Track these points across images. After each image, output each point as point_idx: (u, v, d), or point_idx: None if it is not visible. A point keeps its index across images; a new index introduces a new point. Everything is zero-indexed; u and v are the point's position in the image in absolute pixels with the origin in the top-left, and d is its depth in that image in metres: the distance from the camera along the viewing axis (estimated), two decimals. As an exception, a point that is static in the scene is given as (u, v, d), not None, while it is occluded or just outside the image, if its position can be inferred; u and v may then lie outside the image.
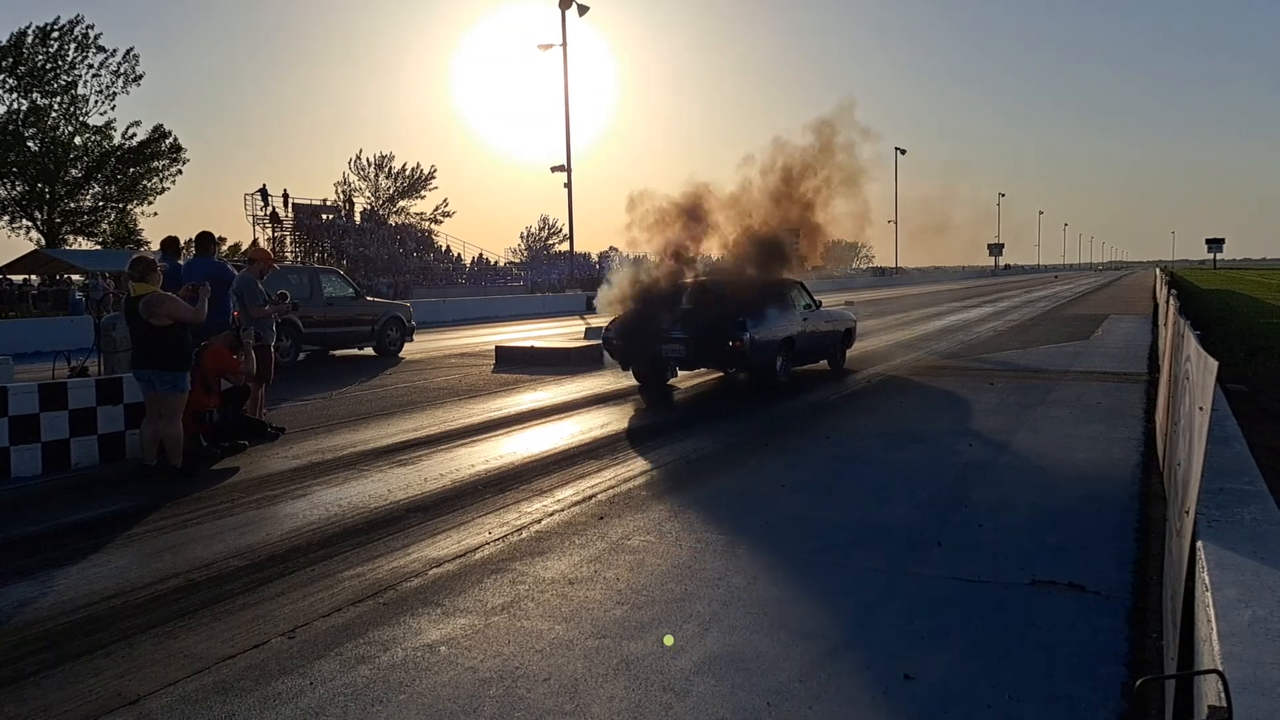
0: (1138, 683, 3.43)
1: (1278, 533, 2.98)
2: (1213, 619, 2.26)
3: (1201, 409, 3.06)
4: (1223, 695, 1.80)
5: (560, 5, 36.63)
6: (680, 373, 12.41)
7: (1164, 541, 4.73)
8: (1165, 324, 11.77)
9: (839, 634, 4.01)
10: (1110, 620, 4.14)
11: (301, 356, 15.70)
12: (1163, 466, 6.22)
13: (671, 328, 11.13)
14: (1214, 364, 3.12)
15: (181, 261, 9.80)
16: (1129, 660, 3.74)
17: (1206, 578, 2.53)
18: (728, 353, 10.95)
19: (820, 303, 13.45)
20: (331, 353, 16.68)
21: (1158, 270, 60.72)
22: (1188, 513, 3.00)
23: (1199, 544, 2.78)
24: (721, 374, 12.65)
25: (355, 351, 16.83)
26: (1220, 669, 1.92)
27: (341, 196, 54.79)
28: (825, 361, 13.56)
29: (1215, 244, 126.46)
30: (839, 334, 13.62)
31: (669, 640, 4.02)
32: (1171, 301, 10.99)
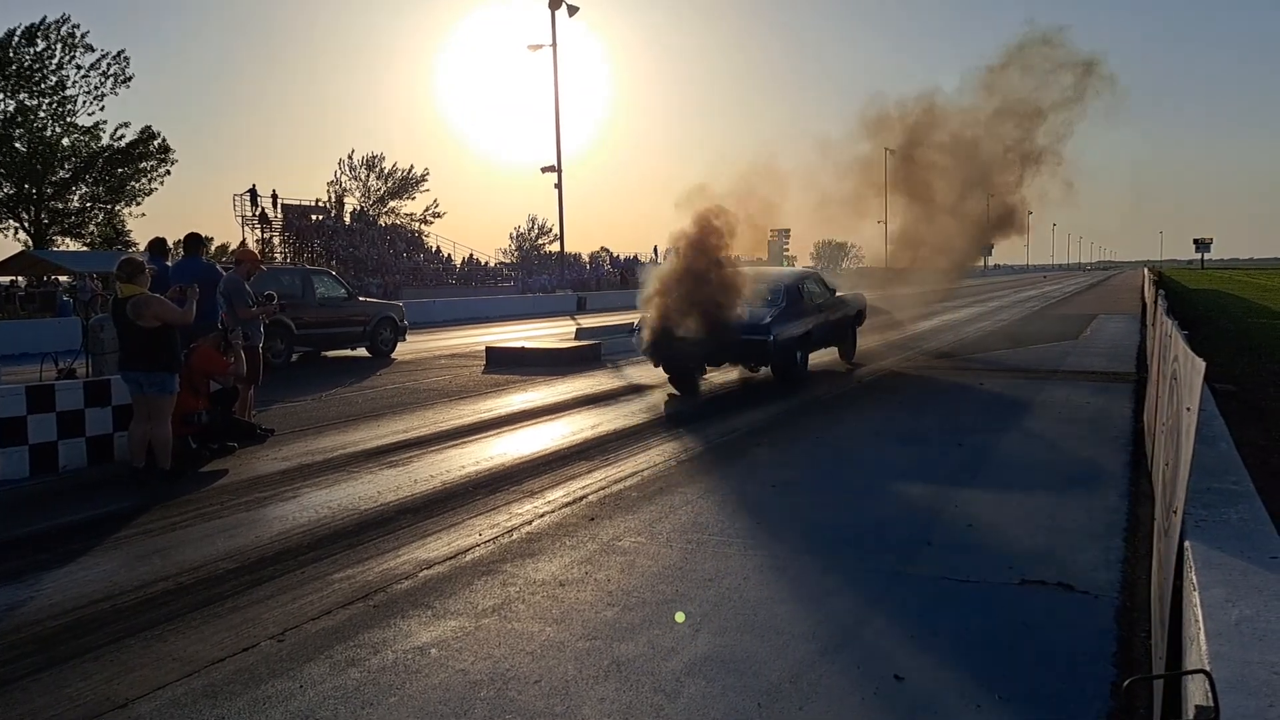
0: (1125, 683, 3.45)
1: (1265, 532, 2.99)
2: (1200, 618, 2.26)
3: (1189, 409, 3.07)
4: (1210, 695, 1.80)
5: (550, 5, 36.56)
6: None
7: (1152, 541, 4.76)
8: (1153, 324, 11.83)
9: (830, 634, 4.01)
10: (1099, 620, 4.16)
11: (294, 357, 15.67)
12: (1151, 466, 6.25)
13: (698, 326, 11.38)
14: (1201, 364, 3.14)
15: (169, 263, 9.75)
16: (1117, 660, 3.76)
17: (1194, 577, 2.54)
18: (752, 351, 11.62)
19: (835, 289, 14.14)
20: (324, 353, 16.66)
21: (1145, 270, 60.98)
22: (1175, 512, 3.01)
23: (1187, 543, 2.79)
24: (709, 371, 12.64)
25: (348, 352, 16.82)
26: (1207, 669, 1.93)
27: (332, 197, 54.55)
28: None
29: (1202, 245, 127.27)
30: (850, 317, 14.39)
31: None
32: (1159, 301, 11.05)
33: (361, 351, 16.81)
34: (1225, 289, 48.38)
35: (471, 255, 52.18)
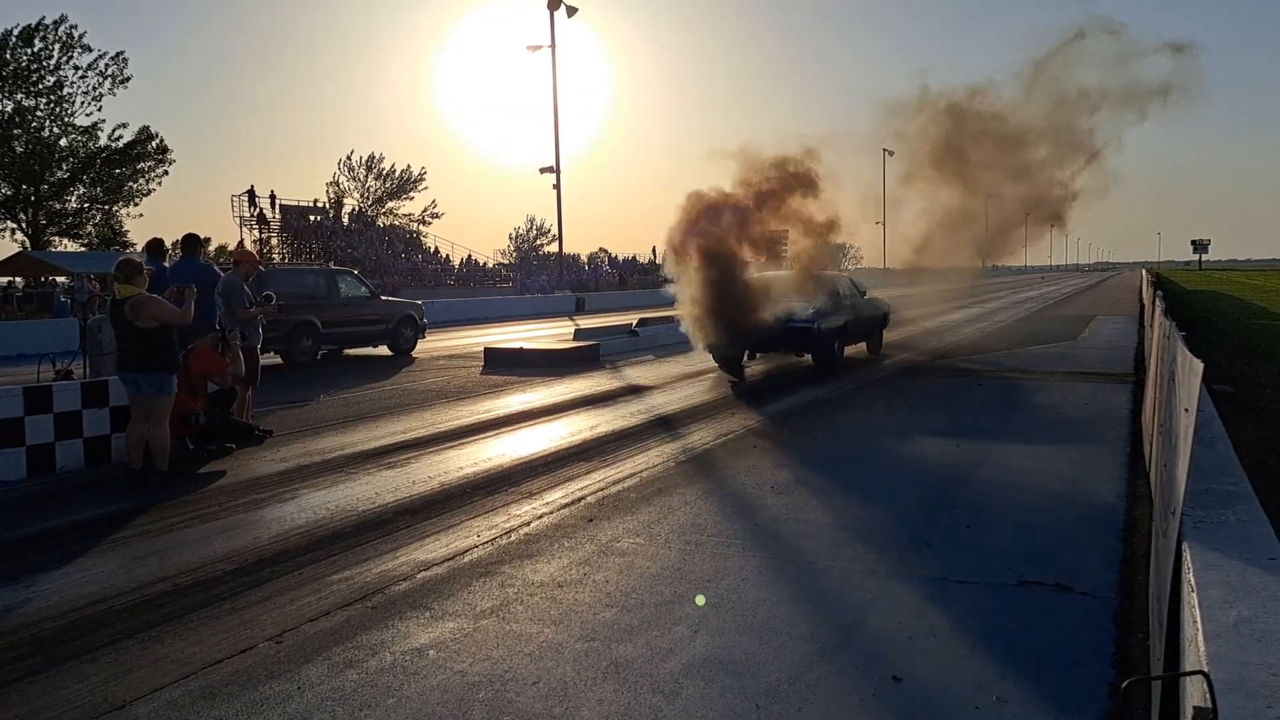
0: (1124, 684, 3.45)
1: (1263, 533, 3.00)
2: (1198, 620, 2.27)
3: (1187, 410, 3.07)
4: (1208, 696, 1.80)
5: (549, 6, 36.59)
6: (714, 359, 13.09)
7: (1150, 542, 4.76)
8: (1151, 325, 11.86)
9: (828, 636, 4.01)
10: (1097, 621, 4.16)
11: (320, 354, 15.95)
12: (1149, 467, 6.26)
13: (750, 318, 12.46)
14: (1199, 365, 3.13)
15: (167, 264, 9.73)
16: (1115, 660, 3.76)
17: (1192, 579, 2.54)
18: (799, 340, 13.05)
19: (865, 292, 15.57)
20: (345, 351, 16.93)
21: (1143, 271, 61.01)
22: (1173, 514, 3.01)
23: (1185, 545, 2.79)
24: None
25: (370, 350, 17.12)
26: (1205, 670, 1.93)
27: (331, 197, 54.44)
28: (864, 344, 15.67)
29: (1200, 246, 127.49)
30: (878, 318, 15.99)
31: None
32: (1157, 302, 11.06)
33: (383, 349, 17.10)
34: (1223, 290, 48.40)
35: (470, 256, 52.12)
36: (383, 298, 18.20)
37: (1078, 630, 4.05)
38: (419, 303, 18.95)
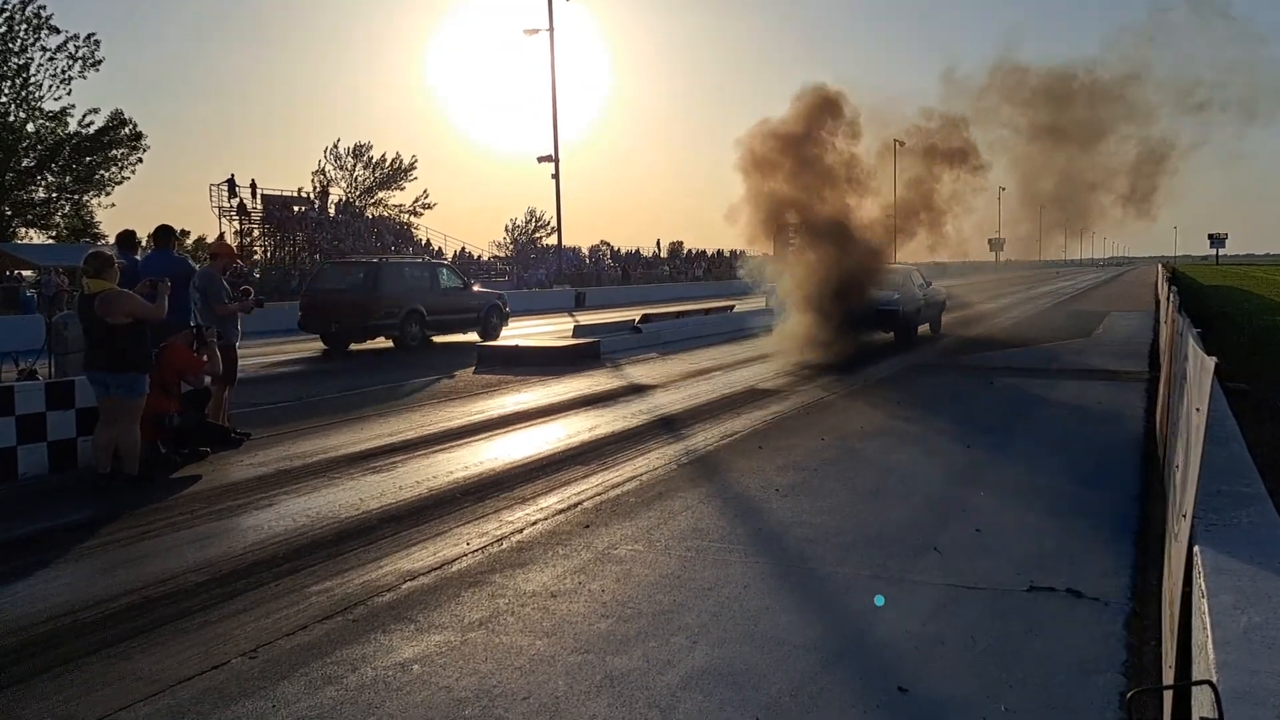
0: (1128, 694, 3.35)
1: (1276, 536, 2.97)
2: (1208, 626, 2.21)
3: (1199, 410, 2.99)
4: (1215, 706, 1.73)
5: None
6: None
7: (1163, 545, 4.64)
8: (1166, 321, 11.77)
9: (832, 645, 3.90)
10: (1109, 627, 4.06)
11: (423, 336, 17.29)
12: (1163, 466, 6.15)
13: (845, 302, 14.80)
14: (1211, 362, 3.05)
15: (138, 257, 9.47)
16: (1127, 668, 3.67)
17: (1203, 583, 2.51)
18: (886, 319, 15.93)
19: (930, 282, 18.31)
20: (434, 339, 17.94)
21: (1159, 266, 61.15)
22: (1185, 516, 2.98)
23: (1196, 548, 2.74)
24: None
25: (459, 337, 18.37)
26: (1213, 680, 1.87)
27: (316, 187, 52.93)
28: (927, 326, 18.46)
29: (1218, 240, 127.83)
30: (940, 304, 19.15)
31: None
32: (1172, 298, 11.00)
33: (473, 336, 18.39)
34: (1241, 285, 48.38)
35: (464, 249, 51.23)
36: (475, 288, 19.74)
37: (1089, 637, 3.95)
38: (502, 293, 20.53)
